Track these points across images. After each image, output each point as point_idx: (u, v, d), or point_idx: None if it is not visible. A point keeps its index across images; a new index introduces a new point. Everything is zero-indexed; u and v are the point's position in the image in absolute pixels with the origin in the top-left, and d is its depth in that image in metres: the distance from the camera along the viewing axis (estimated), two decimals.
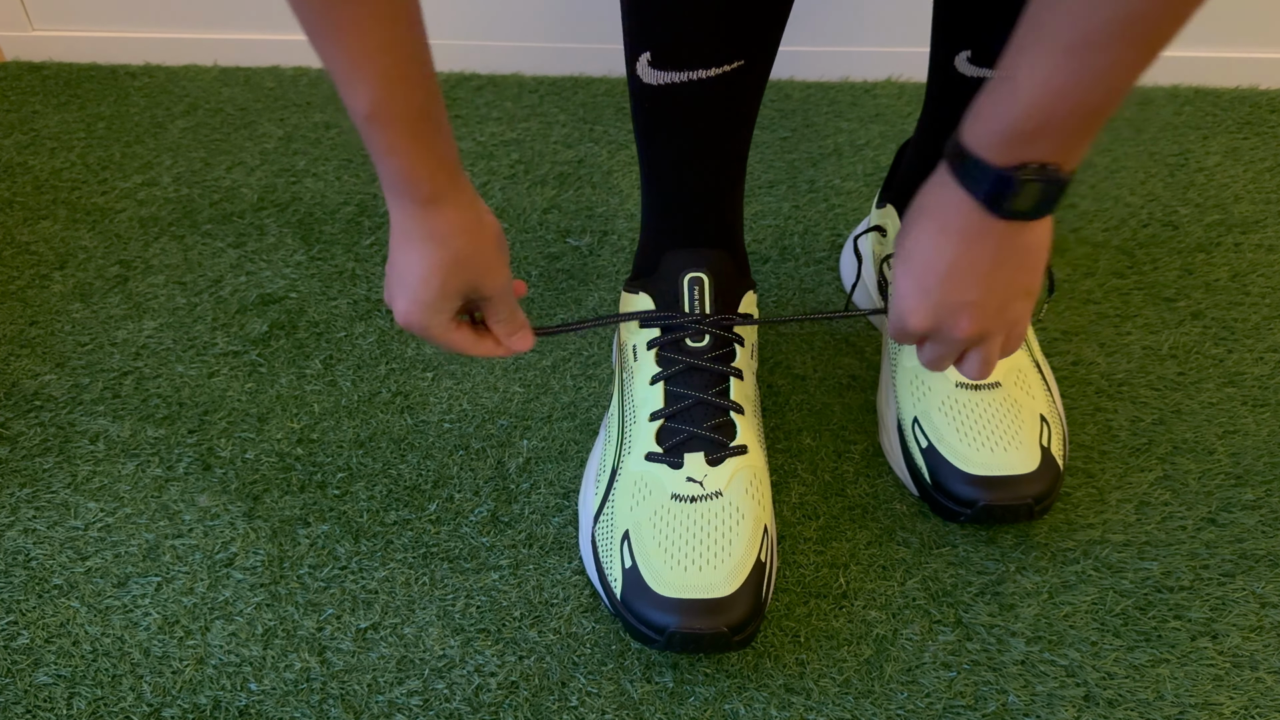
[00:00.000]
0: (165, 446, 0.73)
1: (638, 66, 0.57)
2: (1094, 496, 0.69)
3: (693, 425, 0.63)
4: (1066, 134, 0.44)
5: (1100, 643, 0.61)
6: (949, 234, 0.49)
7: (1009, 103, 0.43)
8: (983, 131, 0.45)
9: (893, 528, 0.68)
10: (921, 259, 0.50)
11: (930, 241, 0.49)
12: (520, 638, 0.62)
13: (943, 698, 0.59)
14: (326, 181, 0.99)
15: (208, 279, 0.88)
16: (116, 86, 1.14)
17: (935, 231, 0.49)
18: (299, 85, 1.14)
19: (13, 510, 0.69)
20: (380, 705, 0.59)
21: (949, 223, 0.49)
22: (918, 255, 0.50)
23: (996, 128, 0.44)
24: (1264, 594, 0.63)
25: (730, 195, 0.66)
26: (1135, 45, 0.40)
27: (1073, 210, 0.94)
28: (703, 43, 0.55)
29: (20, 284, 0.87)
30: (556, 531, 0.68)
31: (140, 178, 1.00)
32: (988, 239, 0.48)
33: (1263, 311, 0.82)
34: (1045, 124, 0.43)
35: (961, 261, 0.49)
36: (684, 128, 0.60)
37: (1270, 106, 1.07)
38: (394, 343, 0.81)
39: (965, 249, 0.49)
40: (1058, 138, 0.44)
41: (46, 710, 0.58)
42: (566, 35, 1.12)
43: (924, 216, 0.50)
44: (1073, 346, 0.80)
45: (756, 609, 0.57)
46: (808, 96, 1.11)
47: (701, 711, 0.58)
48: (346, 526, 0.68)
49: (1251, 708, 0.58)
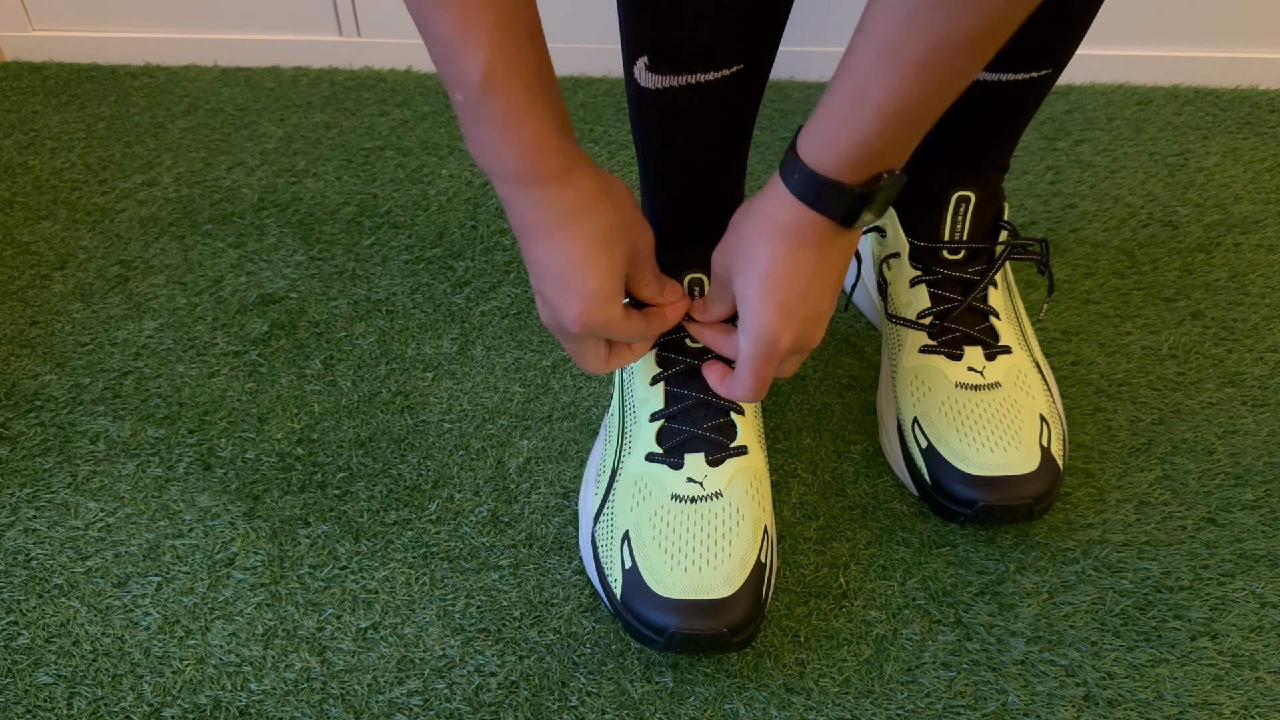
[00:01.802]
0: (165, 446, 0.73)
1: (636, 70, 0.57)
2: (1094, 496, 0.69)
3: (693, 426, 0.63)
4: (909, 143, 0.45)
5: (1100, 643, 0.61)
6: (804, 250, 0.49)
7: (859, 125, 0.44)
8: (833, 156, 0.45)
9: (893, 528, 0.68)
10: (780, 278, 0.50)
11: (786, 261, 0.50)
12: (520, 638, 0.62)
13: (943, 698, 0.59)
14: (327, 181, 0.99)
15: (208, 279, 0.88)
16: (117, 86, 1.14)
17: (788, 250, 0.49)
18: (299, 85, 1.14)
19: (13, 510, 0.69)
20: (380, 705, 0.59)
21: (802, 239, 0.49)
22: (775, 274, 0.50)
23: (849, 150, 0.45)
24: (1264, 594, 0.63)
25: (730, 196, 0.66)
26: (981, 54, 0.41)
27: (1073, 210, 0.94)
28: (701, 47, 0.55)
29: (21, 284, 0.87)
30: (556, 531, 0.68)
31: (140, 178, 1.00)
32: (834, 248, 0.50)
33: (1263, 311, 0.83)
34: (895, 138, 0.44)
35: (816, 274, 0.50)
36: (683, 131, 0.60)
37: (1270, 106, 1.07)
38: (394, 343, 0.81)
39: (819, 261, 0.50)
40: (902, 147, 0.45)
41: (47, 710, 0.59)
42: (566, 35, 1.12)
43: (772, 236, 0.49)
44: (1073, 346, 0.80)
45: (756, 610, 0.57)
46: (808, 96, 1.11)
47: (701, 711, 0.58)
48: (347, 526, 0.68)
49: (1251, 708, 0.58)
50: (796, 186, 0.47)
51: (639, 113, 0.60)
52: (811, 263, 0.50)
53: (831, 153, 0.45)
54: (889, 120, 0.43)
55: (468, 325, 0.83)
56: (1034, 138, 1.03)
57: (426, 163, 1.01)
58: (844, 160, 0.45)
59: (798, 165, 0.47)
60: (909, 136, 0.45)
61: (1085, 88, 1.11)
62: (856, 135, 0.44)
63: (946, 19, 0.39)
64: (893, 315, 0.72)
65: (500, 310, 0.84)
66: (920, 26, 0.40)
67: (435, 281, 0.87)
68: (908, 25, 0.40)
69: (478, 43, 0.43)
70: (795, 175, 0.47)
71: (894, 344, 0.72)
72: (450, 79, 0.45)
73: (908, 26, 0.40)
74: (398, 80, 1.15)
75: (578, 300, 0.51)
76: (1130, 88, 1.10)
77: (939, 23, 0.39)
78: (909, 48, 0.41)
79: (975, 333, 0.69)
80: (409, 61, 1.17)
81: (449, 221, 0.94)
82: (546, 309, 0.53)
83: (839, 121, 0.45)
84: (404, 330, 0.83)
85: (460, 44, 0.44)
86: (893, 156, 0.46)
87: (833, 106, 0.45)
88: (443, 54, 0.44)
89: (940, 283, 0.71)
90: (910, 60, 0.41)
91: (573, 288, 0.50)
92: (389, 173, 1.00)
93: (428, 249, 0.91)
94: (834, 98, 0.45)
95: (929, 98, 0.43)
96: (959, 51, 0.40)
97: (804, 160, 0.47)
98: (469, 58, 0.44)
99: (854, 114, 0.44)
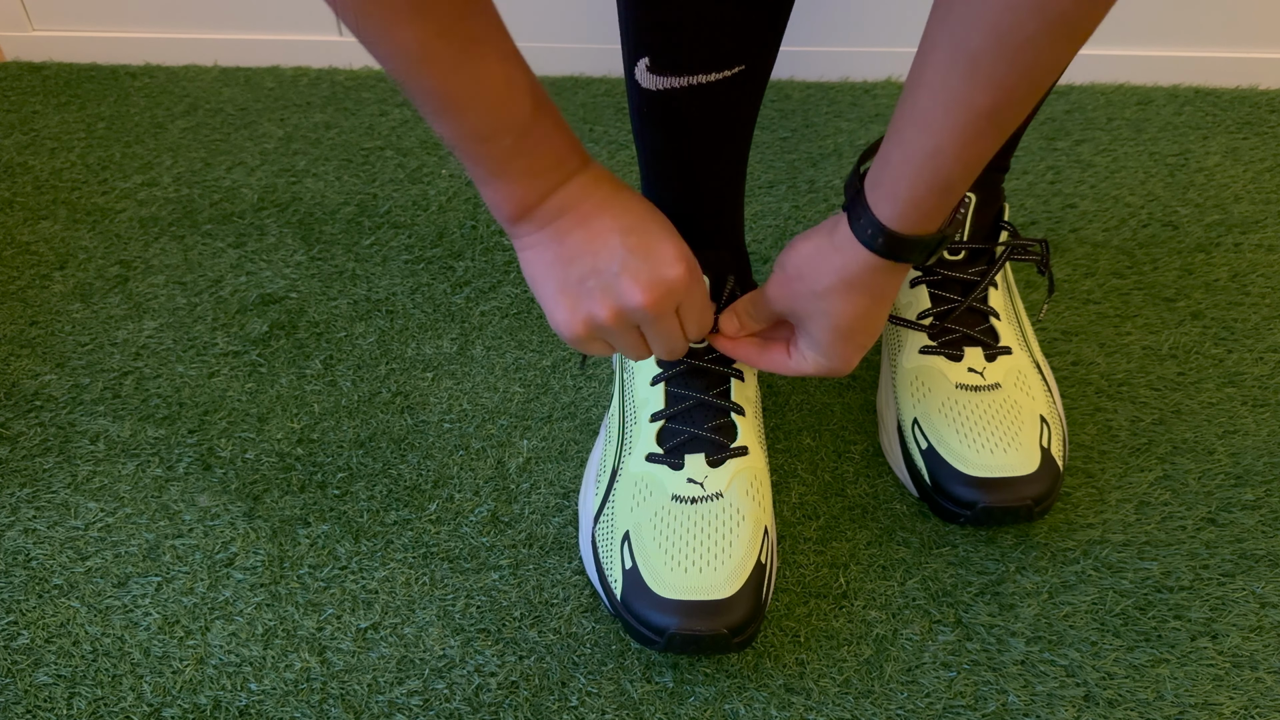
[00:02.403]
0: (165, 446, 0.73)
1: (636, 72, 0.57)
2: (1094, 496, 0.69)
3: (693, 426, 0.63)
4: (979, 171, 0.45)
5: (1100, 643, 0.61)
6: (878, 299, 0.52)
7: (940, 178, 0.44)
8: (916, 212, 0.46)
9: (893, 528, 0.68)
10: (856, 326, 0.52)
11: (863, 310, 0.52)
12: (520, 638, 0.62)
13: (943, 698, 0.59)
14: (326, 181, 0.99)
15: (208, 279, 0.88)
16: (117, 87, 1.14)
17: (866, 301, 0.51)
18: (299, 85, 1.14)
19: (13, 510, 0.69)
20: (380, 705, 0.59)
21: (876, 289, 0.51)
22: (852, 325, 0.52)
23: (933, 202, 0.46)
24: (1264, 594, 0.63)
25: (730, 196, 0.66)
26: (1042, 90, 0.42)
27: (1073, 210, 0.94)
28: (702, 48, 0.55)
29: (20, 284, 0.87)
30: (556, 531, 0.68)
31: (140, 178, 1.00)
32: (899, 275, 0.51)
33: (1263, 311, 0.83)
34: (969, 177, 0.45)
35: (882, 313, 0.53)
36: (683, 132, 0.60)
37: (1270, 106, 1.07)
38: (394, 343, 0.81)
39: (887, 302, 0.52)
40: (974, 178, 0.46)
41: (47, 710, 0.59)
42: (566, 35, 1.12)
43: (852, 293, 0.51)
44: (1073, 346, 0.80)
45: (756, 610, 0.57)
46: (808, 96, 1.11)
47: (701, 711, 0.58)
48: (347, 526, 0.68)
49: (1251, 708, 0.58)
50: (878, 246, 0.48)
51: (640, 113, 0.60)
52: (883, 307, 0.52)
53: (912, 211, 0.46)
54: (965, 168, 0.44)
55: (468, 325, 0.83)
56: (1034, 138, 1.03)
57: (426, 163, 1.01)
58: (925, 214, 0.46)
59: (877, 226, 0.47)
60: (979, 170, 0.45)
61: (1085, 88, 1.11)
62: (938, 187, 0.45)
63: (1010, 67, 0.39)
64: (893, 316, 0.72)
65: (500, 310, 0.84)
66: (986, 76, 0.40)
67: (435, 281, 0.87)
68: (973, 76, 0.40)
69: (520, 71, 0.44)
70: (877, 238, 0.48)
71: (894, 344, 0.72)
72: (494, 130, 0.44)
73: (973, 78, 0.40)
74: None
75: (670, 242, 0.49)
76: (1130, 88, 1.10)
77: (1003, 72, 0.40)
78: (977, 98, 0.41)
79: (975, 333, 0.69)
80: None
81: (449, 221, 0.94)
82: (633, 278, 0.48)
83: (917, 180, 0.45)
84: (404, 330, 0.83)
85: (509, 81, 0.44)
86: (964, 190, 0.47)
87: (907, 166, 0.45)
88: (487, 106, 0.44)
89: (940, 283, 0.71)
90: (980, 110, 0.41)
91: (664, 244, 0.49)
92: (389, 173, 1.00)
93: (428, 249, 0.91)
94: (906, 155, 0.44)
95: (999, 138, 0.43)
96: (1025, 95, 0.41)
97: (883, 221, 0.47)
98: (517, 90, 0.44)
99: (932, 171, 0.44)
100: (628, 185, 0.51)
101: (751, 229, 0.92)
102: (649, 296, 0.48)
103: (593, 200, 0.49)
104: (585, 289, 0.49)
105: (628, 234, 0.48)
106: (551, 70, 1.15)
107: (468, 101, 0.43)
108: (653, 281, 0.48)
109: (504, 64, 0.43)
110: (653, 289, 0.48)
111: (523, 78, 0.45)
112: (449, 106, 0.43)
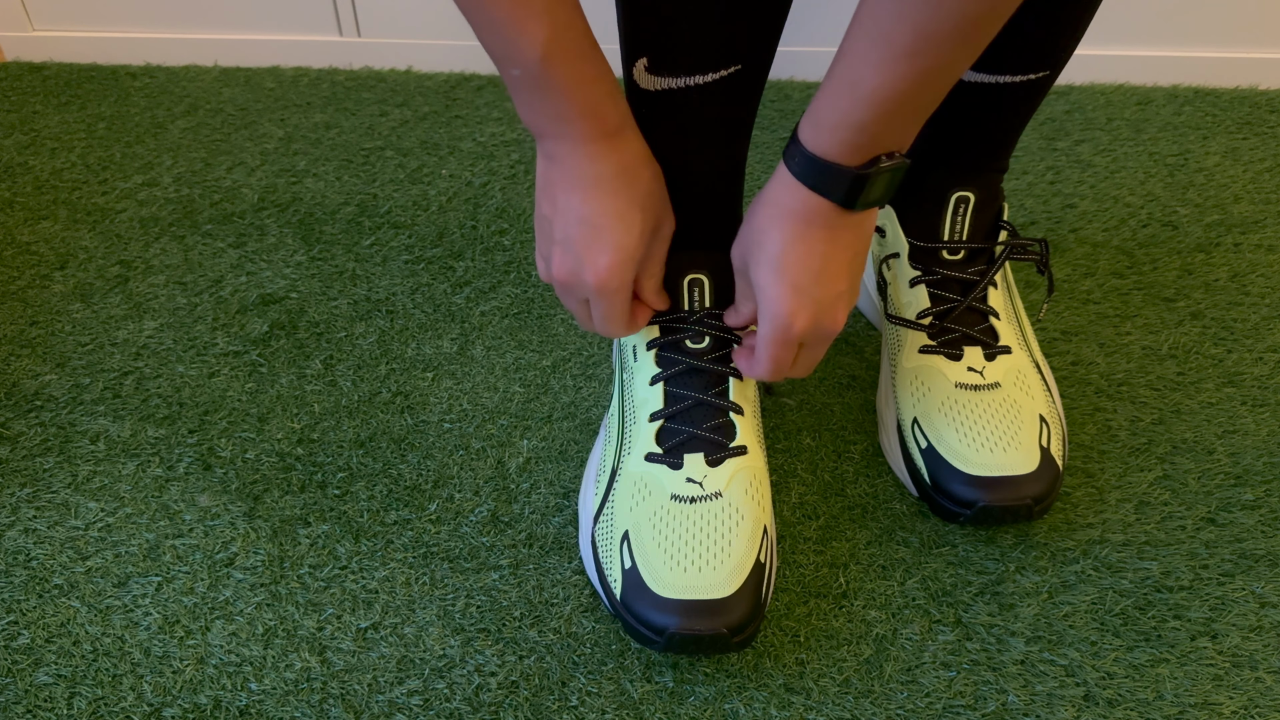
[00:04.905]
0: (166, 446, 0.73)
1: (635, 72, 0.57)
2: (1093, 496, 0.69)
3: (692, 426, 0.63)
4: (906, 127, 0.47)
5: (1100, 642, 0.61)
6: (812, 232, 0.51)
7: (854, 110, 0.46)
8: (831, 140, 0.47)
9: (893, 528, 0.68)
10: (791, 262, 0.52)
11: (795, 244, 0.51)
12: (520, 638, 0.62)
13: (942, 697, 0.59)
14: (327, 181, 0.99)
15: (208, 279, 0.88)
16: (117, 87, 1.14)
17: (797, 233, 0.51)
18: (299, 85, 1.14)
19: (13, 510, 0.69)
20: (380, 705, 0.59)
21: (809, 222, 0.51)
22: (785, 258, 0.52)
23: (845, 135, 0.47)
24: (1264, 594, 0.63)
25: (729, 197, 0.66)
26: (968, 44, 0.43)
27: (1073, 210, 0.94)
28: (699, 49, 0.55)
29: (21, 284, 0.87)
30: (556, 531, 0.68)
31: (141, 178, 1.00)
32: (844, 230, 0.51)
33: (1262, 311, 0.83)
34: (889, 123, 0.46)
35: (828, 255, 0.52)
36: (682, 132, 0.60)
37: (1270, 106, 1.07)
38: (394, 343, 0.82)
39: (829, 243, 0.51)
40: (899, 131, 0.47)
41: (47, 710, 0.59)
42: None
43: (781, 221, 0.51)
44: (1072, 346, 0.80)
45: (756, 610, 0.57)
46: (808, 96, 1.11)
47: (701, 711, 0.58)
48: (347, 526, 0.68)
49: (1251, 708, 0.58)
50: (797, 169, 0.50)
51: (638, 114, 0.60)
52: (821, 244, 0.51)
53: (828, 137, 0.47)
54: (881, 105, 0.45)
55: (468, 325, 0.83)
56: (1034, 138, 1.03)
57: (426, 163, 1.01)
58: (840, 144, 0.47)
59: (798, 149, 0.49)
60: (903, 121, 0.46)
61: (1085, 88, 1.11)
62: (851, 119, 0.46)
63: (934, 11, 0.41)
64: (892, 315, 0.72)
65: (500, 310, 0.84)
66: (908, 17, 0.42)
67: (435, 281, 0.87)
68: (898, 15, 0.42)
69: (535, 19, 0.45)
70: (796, 159, 0.49)
71: (893, 344, 0.72)
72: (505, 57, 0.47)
73: (897, 16, 0.42)
74: (398, 80, 1.15)
75: (610, 252, 0.52)
76: (1130, 88, 1.10)
77: (926, 14, 0.41)
78: (898, 36, 0.43)
79: (975, 333, 0.69)
80: (409, 61, 1.17)
81: (449, 221, 0.94)
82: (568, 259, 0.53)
83: (834, 106, 0.47)
84: (404, 330, 0.83)
85: (518, 23, 0.45)
86: (889, 140, 0.47)
87: (828, 92, 0.47)
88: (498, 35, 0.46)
89: (940, 283, 0.71)
90: (899, 49, 0.43)
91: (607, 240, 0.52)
92: (389, 173, 1.00)
93: (428, 249, 0.91)
94: (829, 84, 0.47)
95: (919, 86, 0.45)
96: (945, 41, 0.42)
97: (803, 144, 0.49)
98: (527, 36, 0.46)
99: (847, 99, 0.46)
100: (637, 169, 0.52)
101: None
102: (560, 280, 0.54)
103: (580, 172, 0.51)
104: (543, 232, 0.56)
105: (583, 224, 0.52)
106: None
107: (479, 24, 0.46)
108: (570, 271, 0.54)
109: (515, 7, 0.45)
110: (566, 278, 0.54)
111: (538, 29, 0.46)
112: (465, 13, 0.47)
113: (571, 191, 0.52)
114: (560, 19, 0.46)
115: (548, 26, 0.46)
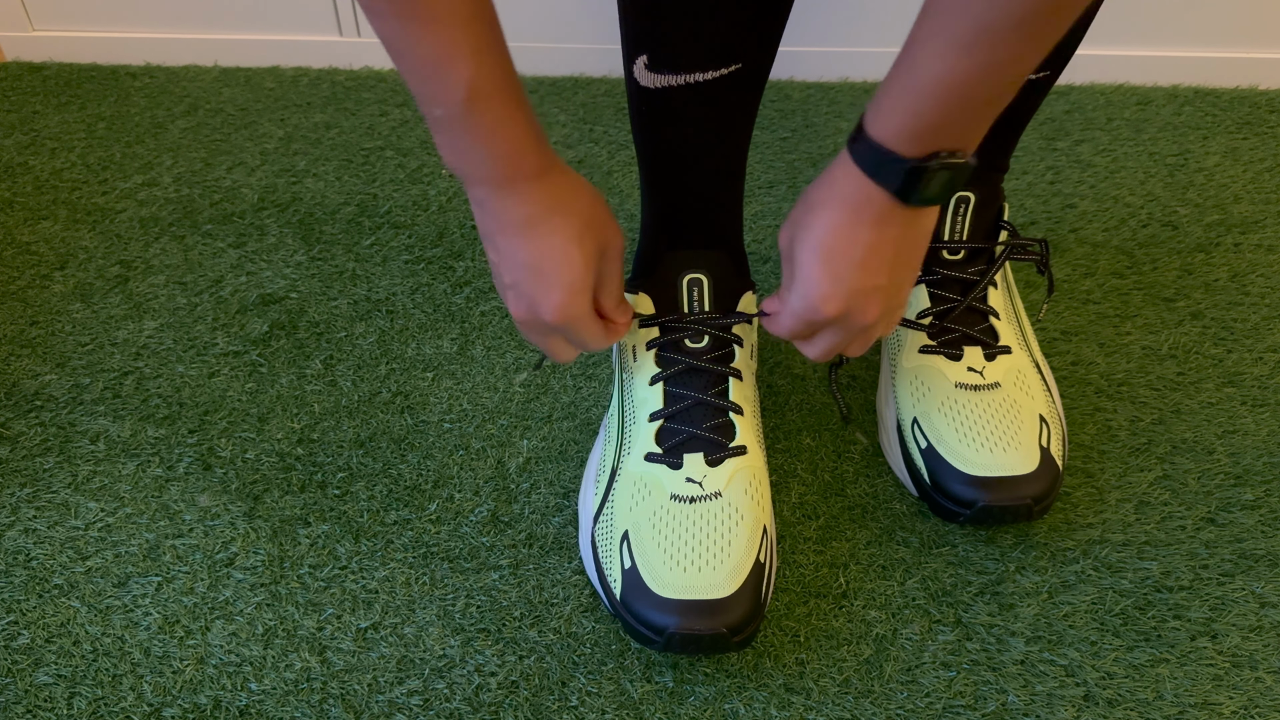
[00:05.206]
0: (166, 446, 0.73)
1: (635, 69, 0.57)
2: (1093, 496, 0.69)
3: (692, 426, 0.63)
4: (968, 123, 0.46)
5: (1100, 642, 0.61)
6: (861, 222, 0.50)
7: (914, 98, 0.45)
8: (890, 127, 0.47)
9: (893, 528, 0.68)
10: (834, 247, 0.51)
11: (842, 229, 0.51)
12: (520, 638, 0.62)
13: (942, 697, 0.59)
14: (327, 181, 0.99)
15: (208, 279, 0.88)
16: (117, 87, 1.14)
17: (846, 219, 0.50)
18: (299, 85, 1.14)
19: (13, 510, 0.69)
20: (380, 705, 0.59)
21: (860, 211, 0.50)
22: (830, 243, 0.51)
23: (904, 123, 0.46)
24: (1263, 594, 0.63)
25: (729, 196, 0.66)
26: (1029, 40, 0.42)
27: (1073, 210, 0.94)
28: (700, 46, 0.55)
29: (21, 284, 0.87)
30: (556, 531, 0.68)
31: (141, 178, 1.00)
32: (894, 225, 0.50)
33: (1262, 311, 0.83)
34: (948, 115, 0.45)
35: (873, 248, 0.51)
36: (682, 130, 0.60)
37: (1270, 106, 1.07)
38: (394, 343, 0.82)
39: (877, 235, 0.50)
40: (960, 126, 0.46)
41: (47, 710, 0.59)
42: (566, 35, 1.12)
43: (832, 205, 0.51)
44: (1072, 346, 0.80)
45: (756, 610, 0.57)
46: (808, 96, 1.11)
47: (701, 711, 0.58)
48: (347, 526, 0.68)
49: (1251, 708, 0.58)
50: (857, 154, 0.49)
51: (639, 112, 0.60)
52: (868, 234, 0.50)
53: (886, 122, 0.47)
54: (938, 96, 0.44)
55: (468, 325, 0.83)
56: (1034, 138, 1.03)
57: (426, 163, 1.01)
58: (898, 131, 0.46)
59: (861, 134, 0.48)
60: (964, 116, 0.46)
61: (1085, 88, 1.11)
62: (908, 106, 0.45)
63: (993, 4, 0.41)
64: None
65: (500, 310, 0.84)
66: (968, 9, 0.41)
67: (435, 281, 0.87)
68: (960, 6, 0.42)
69: (461, 60, 0.45)
70: (857, 142, 0.49)
71: (893, 344, 0.72)
72: (428, 96, 0.47)
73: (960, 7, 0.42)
74: (398, 80, 1.15)
75: (558, 291, 0.52)
76: (1130, 88, 1.10)
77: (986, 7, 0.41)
78: (958, 27, 0.42)
79: (975, 333, 0.69)
80: None
81: (449, 221, 0.94)
82: (522, 302, 0.54)
83: (895, 94, 0.46)
84: (404, 330, 0.83)
85: (443, 63, 0.45)
86: (949, 135, 0.46)
87: (890, 77, 0.46)
88: (422, 75, 0.46)
89: (940, 283, 0.71)
90: (958, 40, 0.42)
91: (553, 279, 0.52)
92: (389, 173, 1.00)
93: (428, 249, 0.91)
94: (893, 69, 0.46)
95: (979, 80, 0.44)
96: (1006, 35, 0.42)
97: (866, 130, 0.48)
98: (452, 76, 0.45)
99: (908, 89, 0.45)
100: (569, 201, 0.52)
101: (751, 229, 0.92)
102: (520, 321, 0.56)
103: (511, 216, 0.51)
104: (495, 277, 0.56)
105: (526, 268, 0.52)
106: (551, 70, 1.15)
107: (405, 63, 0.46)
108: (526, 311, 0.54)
109: (442, 47, 0.45)
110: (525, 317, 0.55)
111: (464, 69, 0.45)
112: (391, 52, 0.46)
113: (509, 237, 0.52)
114: (485, 59, 0.46)
115: (474, 67, 0.45)
